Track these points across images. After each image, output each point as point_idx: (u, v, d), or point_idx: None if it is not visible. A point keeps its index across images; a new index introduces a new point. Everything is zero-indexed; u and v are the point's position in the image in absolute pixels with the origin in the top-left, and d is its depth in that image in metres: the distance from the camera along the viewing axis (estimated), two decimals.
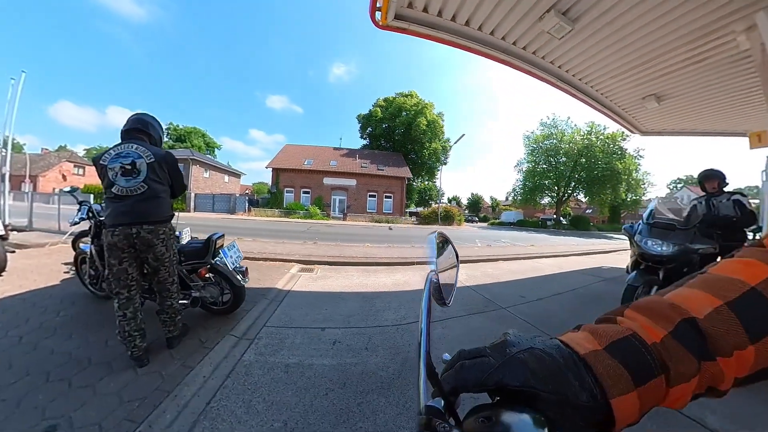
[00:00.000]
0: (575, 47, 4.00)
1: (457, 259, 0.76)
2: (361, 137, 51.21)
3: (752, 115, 5.35)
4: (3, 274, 4.84)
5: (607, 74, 4.72)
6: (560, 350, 0.42)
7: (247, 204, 32.93)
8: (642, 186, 38.29)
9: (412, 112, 45.36)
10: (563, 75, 4.75)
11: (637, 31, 3.57)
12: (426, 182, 50.24)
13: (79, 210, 3.68)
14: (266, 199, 37.87)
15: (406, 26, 3.67)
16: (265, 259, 6.84)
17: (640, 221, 3.79)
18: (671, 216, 3.58)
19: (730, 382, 0.40)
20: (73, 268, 5.04)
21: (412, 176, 40.36)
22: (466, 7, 3.44)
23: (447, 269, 0.73)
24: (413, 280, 5.96)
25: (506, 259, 9.67)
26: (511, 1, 3.29)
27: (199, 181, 40.24)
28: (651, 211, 3.74)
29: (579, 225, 40.85)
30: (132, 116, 3.01)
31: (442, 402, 0.42)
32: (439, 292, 0.65)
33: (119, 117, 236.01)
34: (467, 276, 6.55)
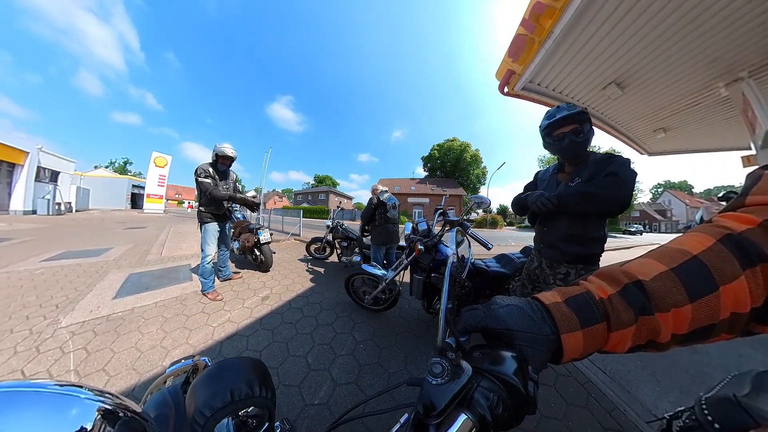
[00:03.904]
0: (617, 103, 4.61)
1: (469, 246, 0.60)
2: (424, 169, 55.63)
3: (739, 134, 5.39)
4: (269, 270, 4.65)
5: (633, 118, 5.19)
6: (530, 303, 0.42)
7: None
8: (634, 192, 34.32)
9: (458, 150, 48.90)
10: (602, 117, 5.27)
11: (660, 91, 4.16)
12: (467, 198, 51.71)
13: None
14: None
15: (526, 94, 4.20)
16: None
17: (694, 223, 4.38)
18: None
19: (668, 337, 0.36)
20: (307, 267, 5.16)
21: (466, 193, 41.69)
22: (563, 83, 4.08)
23: (460, 251, 0.53)
24: None
25: (614, 249, 10.40)
26: (590, 78, 3.89)
27: (334, 203, 48.71)
28: (701, 216, 4.39)
29: None
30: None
31: (454, 340, 0.41)
32: (457, 269, 0.46)
33: (295, 176, 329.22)
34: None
